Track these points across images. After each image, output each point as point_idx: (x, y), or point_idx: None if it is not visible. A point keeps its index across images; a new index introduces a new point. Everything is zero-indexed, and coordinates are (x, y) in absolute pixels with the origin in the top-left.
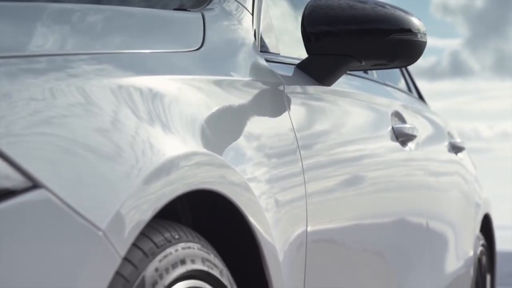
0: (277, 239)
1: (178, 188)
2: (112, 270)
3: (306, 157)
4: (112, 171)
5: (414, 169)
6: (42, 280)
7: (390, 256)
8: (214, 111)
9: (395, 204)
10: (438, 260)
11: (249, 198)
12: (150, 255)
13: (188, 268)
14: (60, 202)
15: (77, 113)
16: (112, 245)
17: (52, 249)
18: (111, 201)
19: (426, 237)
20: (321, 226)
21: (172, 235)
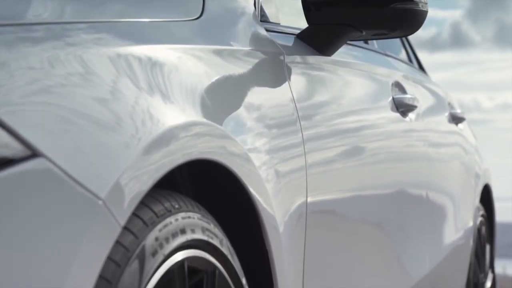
0: (277, 210)
1: (178, 158)
2: (112, 239)
3: (306, 128)
4: (111, 140)
5: (414, 140)
6: (42, 249)
7: (389, 227)
8: (214, 80)
9: (395, 175)
10: (438, 230)
11: (250, 169)
12: (150, 224)
13: (188, 237)
14: (60, 171)
15: (76, 82)
16: (112, 214)
17: (52, 218)
18: (111, 170)
19: (425, 208)
20: (321, 197)
21: (172, 205)
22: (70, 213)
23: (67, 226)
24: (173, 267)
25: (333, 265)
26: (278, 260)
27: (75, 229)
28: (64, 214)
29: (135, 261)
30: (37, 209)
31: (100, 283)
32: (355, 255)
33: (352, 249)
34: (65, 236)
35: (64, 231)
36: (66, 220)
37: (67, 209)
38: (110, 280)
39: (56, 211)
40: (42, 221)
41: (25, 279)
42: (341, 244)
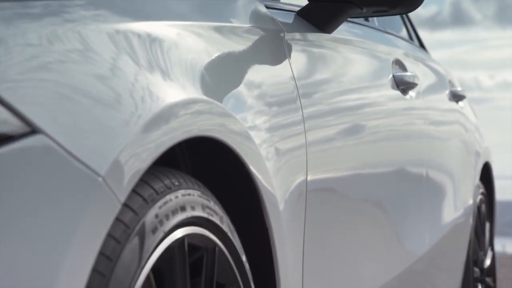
0: (277, 188)
1: (178, 136)
2: (112, 216)
3: (306, 106)
4: (111, 118)
5: (414, 118)
6: (42, 225)
7: (389, 205)
8: (214, 57)
9: (395, 154)
10: (438, 209)
11: (250, 147)
12: (150, 201)
13: (188, 214)
14: (59, 148)
15: (75, 59)
16: (111, 191)
17: (51, 195)
18: (110, 147)
19: (425, 185)
20: (321, 175)
21: (172, 182)
22: (69, 190)
23: (66, 203)
24: (173, 244)
25: (333, 242)
26: (278, 238)
27: (74, 206)
28: (64, 191)
29: (135, 238)
30: (36, 186)
31: (100, 260)
32: (354, 233)
33: (351, 227)
34: (65, 212)
35: (63, 208)
36: (66, 197)
37: (66, 186)
38: (110, 256)
39: (55, 187)
40: (42, 197)
41: (25, 255)
42: (341, 222)
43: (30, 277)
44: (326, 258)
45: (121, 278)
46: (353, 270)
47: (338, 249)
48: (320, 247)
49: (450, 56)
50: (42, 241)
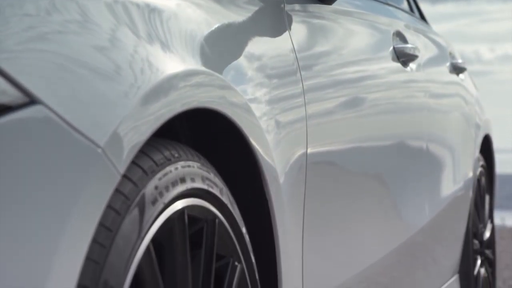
0: (277, 161)
1: (177, 108)
2: (112, 187)
3: (306, 78)
4: (110, 89)
5: (415, 91)
6: (41, 196)
7: (389, 177)
8: (214, 29)
9: (395, 126)
10: (437, 181)
11: (250, 119)
12: (149, 173)
13: (188, 186)
14: (58, 119)
15: (73, 30)
16: (111, 162)
17: (51, 166)
18: (110, 119)
19: (425, 158)
20: (321, 148)
21: (172, 154)
22: (68, 161)
23: (66, 174)
24: (173, 216)
25: (332, 215)
26: (278, 210)
27: (74, 177)
28: (63, 162)
29: (135, 209)
30: (35, 156)
31: (100, 231)
32: (354, 206)
33: (351, 200)
34: (64, 184)
35: (63, 179)
36: (65, 168)
37: (65, 157)
38: (110, 228)
39: (54, 158)
40: (41, 168)
41: (25, 225)
42: (341, 194)
43: (30, 246)
44: (326, 230)
45: (121, 249)
46: (352, 242)
47: (338, 222)
48: (320, 220)
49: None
50: (41, 211)
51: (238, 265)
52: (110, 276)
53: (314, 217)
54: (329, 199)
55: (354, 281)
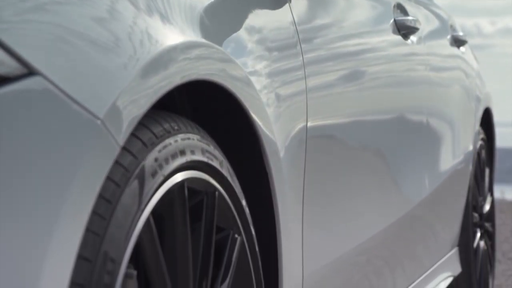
0: (277, 135)
1: (176, 80)
2: (111, 159)
3: (306, 51)
4: (109, 61)
5: (415, 64)
6: (40, 167)
7: (389, 151)
8: (214, 1)
9: (395, 100)
10: (437, 155)
11: (251, 93)
12: (149, 145)
13: (188, 158)
14: (57, 90)
15: (72, 1)
16: (110, 134)
17: (50, 137)
18: (109, 91)
19: (425, 132)
20: (321, 122)
21: (172, 126)
22: (67, 133)
23: (65, 146)
24: (173, 188)
25: (332, 188)
26: (278, 184)
27: (73, 148)
28: (62, 134)
29: (135, 182)
30: (34, 128)
31: (99, 203)
32: (354, 179)
33: (351, 173)
34: (63, 155)
35: (62, 150)
36: (64, 140)
37: (64, 129)
38: (110, 200)
39: (53, 130)
40: (40, 139)
41: (24, 196)
42: (341, 168)
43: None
44: (326, 204)
45: (121, 221)
46: (352, 216)
47: (337, 195)
48: (319, 193)
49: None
50: (40, 183)
51: (238, 238)
52: (110, 248)
53: (314, 191)
54: (329, 173)
55: (353, 254)
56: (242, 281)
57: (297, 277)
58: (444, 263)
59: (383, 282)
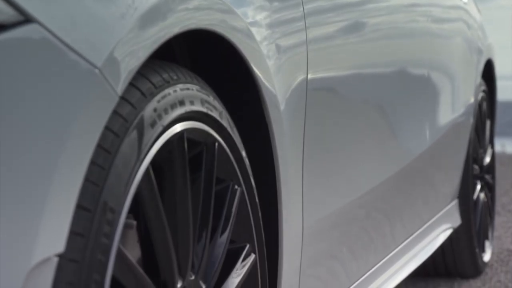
0: (278, 87)
1: (175, 31)
2: (110, 109)
3: (307, 1)
4: (106, 10)
5: (417, 15)
6: (39, 117)
7: (389, 105)
8: None
9: (396, 52)
10: (438, 107)
11: (251, 44)
12: (148, 95)
13: (187, 109)
14: (54, 38)
15: None
16: (109, 84)
17: (47, 86)
18: (107, 40)
19: (426, 85)
20: (321, 74)
21: (171, 76)
22: (65, 81)
23: (62, 95)
24: (172, 138)
25: (332, 142)
26: (278, 137)
27: (71, 98)
28: (60, 82)
29: (134, 132)
30: (31, 76)
31: (98, 153)
32: (354, 132)
33: (351, 126)
34: (61, 104)
35: (59, 100)
36: (61, 89)
37: (62, 77)
38: (109, 150)
39: (51, 78)
40: (37, 88)
41: (22, 146)
42: (341, 121)
43: (29, 166)
44: (326, 156)
45: (120, 171)
46: (352, 168)
47: (337, 148)
48: (319, 146)
49: None
50: (39, 132)
51: (238, 189)
52: (109, 198)
53: (314, 143)
54: (329, 126)
55: (353, 206)
56: (242, 232)
57: (297, 229)
58: (443, 215)
59: (382, 234)
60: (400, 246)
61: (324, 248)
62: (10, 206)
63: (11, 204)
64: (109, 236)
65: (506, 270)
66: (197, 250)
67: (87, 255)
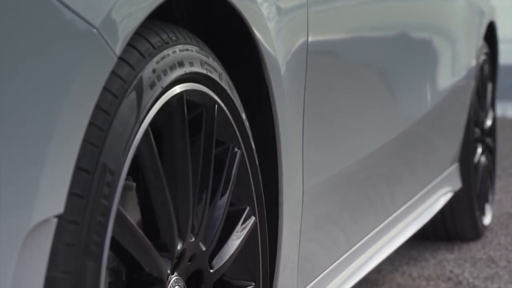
0: (278, 50)
1: None
2: (108, 69)
3: None
4: None
5: None
6: (37, 77)
7: (390, 68)
8: None
9: (398, 14)
10: (440, 70)
11: (252, 6)
12: (147, 56)
13: (186, 70)
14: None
15: None
16: (107, 44)
17: (44, 46)
18: (105, 0)
19: (428, 47)
20: (321, 37)
21: (170, 37)
22: (63, 41)
23: (60, 55)
24: (172, 100)
25: (332, 105)
26: (278, 100)
27: (69, 58)
28: (57, 42)
29: (133, 93)
30: (28, 36)
31: (97, 114)
32: (354, 95)
33: (351, 89)
34: (59, 65)
35: (57, 60)
36: (60, 49)
37: (59, 37)
38: (108, 111)
39: (48, 38)
40: (35, 48)
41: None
42: (341, 84)
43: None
44: (326, 119)
45: (120, 133)
46: (352, 131)
47: (338, 111)
48: (320, 109)
49: None
50: (37, 92)
51: (238, 151)
52: (108, 159)
53: (314, 106)
54: (330, 88)
55: (353, 170)
56: (242, 195)
57: (297, 192)
58: (444, 178)
59: (382, 198)
60: (400, 209)
61: (324, 212)
62: (9, 168)
63: (10, 165)
64: (108, 198)
65: (506, 233)
66: (197, 212)
67: (87, 216)
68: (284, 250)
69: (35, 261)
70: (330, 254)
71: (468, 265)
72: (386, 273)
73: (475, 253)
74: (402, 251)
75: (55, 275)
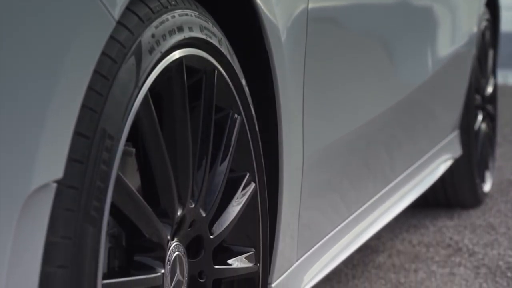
0: (279, 17)
1: None
2: (106, 33)
3: None
4: None
5: None
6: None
7: (391, 35)
8: None
9: None
10: (441, 37)
11: None
12: (146, 20)
13: (186, 35)
14: None
15: None
16: (106, 8)
17: (43, 10)
18: None
19: (429, 14)
20: (322, 4)
21: (169, 1)
22: (61, 5)
23: (58, 19)
24: (171, 65)
25: (332, 72)
26: (279, 67)
27: (67, 21)
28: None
29: (132, 58)
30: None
31: (95, 78)
32: (354, 63)
33: (351, 57)
34: (57, 29)
35: (55, 24)
36: (57, 12)
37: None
38: (106, 76)
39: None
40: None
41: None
42: (341, 51)
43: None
44: (326, 86)
45: (119, 98)
46: (352, 99)
47: (338, 78)
48: (320, 76)
49: None
50: (35, 57)
51: (238, 117)
52: (107, 125)
53: (315, 73)
54: (330, 55)
55: (353, 137)
56: (242, 161)
57: (298, 158)
58: (444, 145)
59: (382, 165)
60: (400, 176)
61: (324, 179)
62: (7, 132)
63: (8, 130)
64: (108, 163)
65: (506, 200)
66: (197, 178)
67: (86, 181)
68: (284, 217)
69: (34, 226)
70: (330, 221)
71: (468, 231)
72: (386, 240)
73: (474, 220)
74: (402, 218)
75: (55, 240)
